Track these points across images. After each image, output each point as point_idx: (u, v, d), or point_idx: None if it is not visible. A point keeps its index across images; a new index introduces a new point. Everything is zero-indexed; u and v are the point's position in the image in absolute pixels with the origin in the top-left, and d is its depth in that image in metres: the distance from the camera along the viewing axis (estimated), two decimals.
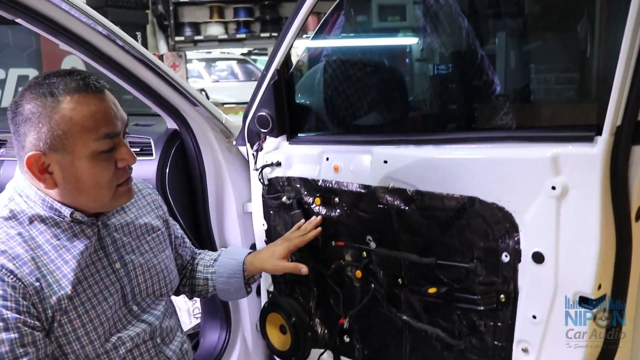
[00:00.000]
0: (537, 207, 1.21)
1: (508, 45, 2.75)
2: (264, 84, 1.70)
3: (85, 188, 1.18)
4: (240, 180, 2.02)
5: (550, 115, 2.47)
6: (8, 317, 1.09)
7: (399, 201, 1.46)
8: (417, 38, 2.85)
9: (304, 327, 1.78)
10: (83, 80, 1.15)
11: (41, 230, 1.19)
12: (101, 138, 1.16)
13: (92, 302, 1.22)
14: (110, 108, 1.18)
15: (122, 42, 1.63)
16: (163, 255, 1.43)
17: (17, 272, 1.12)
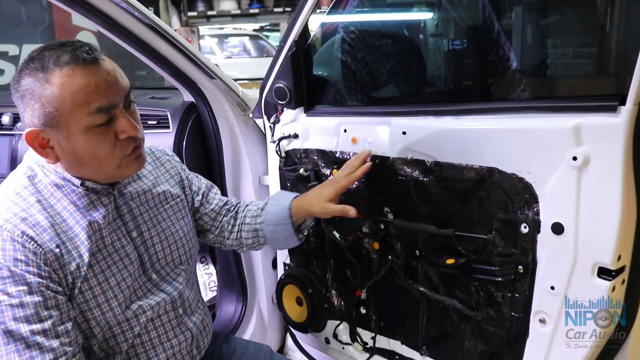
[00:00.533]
0: (558, 178, 1.21)
1: (526, 19, 2.73)
2: (281, 55, 1.70)
3: (86, 161, 1.17)
4: (256, 153, 2.04)
5: (568, 89, 2.45)
6: (31, 281, 1.11)
7: (418, 172, 1.46)
8: (433, 12, 2.82)
9: (320, 298, 1.81)
10: (73, 52, 1.11)
11: (59, 197, 1.20)
12: (94, 112, 1.12)
13: (112, 270, 1.23)
14: (103, 80, 1.13)
15: (139, 14, 1.63)
16: (182, 223, 1.43)
17: (38, 238, 1.13)
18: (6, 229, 1.12)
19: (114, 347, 1.28)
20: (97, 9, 1.60)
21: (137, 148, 1.22)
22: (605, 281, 1.19)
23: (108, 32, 1.65)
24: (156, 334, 1.34)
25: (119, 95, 1.16)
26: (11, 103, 2.45)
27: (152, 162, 1.44)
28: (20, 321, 1.09)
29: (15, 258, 1.10)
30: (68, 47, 1.11)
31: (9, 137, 2.31)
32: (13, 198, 1.17)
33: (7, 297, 1.09)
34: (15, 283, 1.10)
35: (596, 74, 2.65)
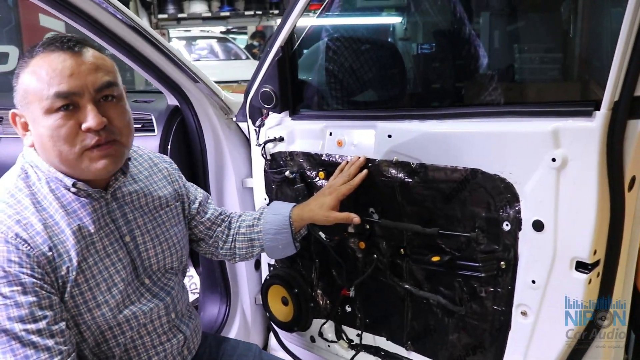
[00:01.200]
0: (538, 178, 1.29)
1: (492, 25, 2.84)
2: (267, 60, 1.74)
3: (47, 146, 1.18)
4: (238, 156, 2.08)
5: (536, 93, 2.56)
6: (26, 282, 1.12)
7: (403, 174, 1.53)
8: (410, 17, 2.91)
9: (306, 298, 1.86)
10: (57, 40, 1.17)
11: (51, 200, 1.22)
12: (52, 96, 1.14)
13: (103, 275, 1.25)
14: (71, 67, 1.16)
15: (123, 17, 1.66)
16: (176, 229, 1.45)
17: (31, 241, 1.15)
18: (0, 230, 1.14)
19: (106, 351, 1.29)
20: (84, 12, 1.61)
21: (103, 146, 1.20)
22: (582, 274, 1.27)
23: (94, 35, 1.67)
24: (149, 338, 1.36)
25: (86, 85, 1.16)
26: None
27: (149, 167, 1.46)
28: (15, 321, 1.11)
29: (9, 259, 1.12)
30: (62, 37, 1.19)
31: None
32: (7, 200, 1.19)
33: (2, 297, 1.11)
34: (10, 283, 1.12)
35: (561, 78, 2.77)
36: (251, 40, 12.41)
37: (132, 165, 1.40)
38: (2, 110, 2.41)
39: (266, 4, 8.29)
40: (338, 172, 1.64)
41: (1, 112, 2.39)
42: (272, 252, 1.63)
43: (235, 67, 8.89)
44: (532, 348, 1.40)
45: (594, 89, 2.35)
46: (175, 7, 7.55)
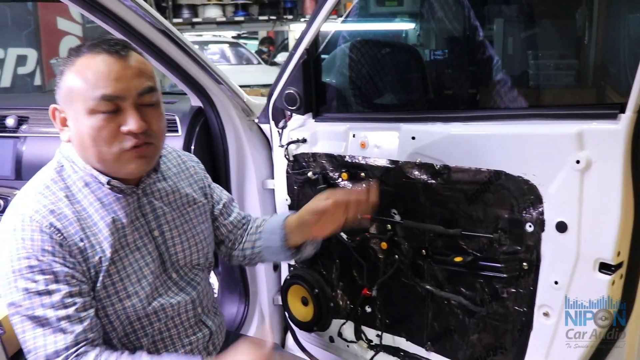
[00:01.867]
0: (562, 180, 1.31)
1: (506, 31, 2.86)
2: (291, 62, 1.78)
3: (87, 144, 1.22)
4: (260, 158, 2.11)
5: (552, 98, 2.59)
6: (58, 271, 1.18)
7: (426, 175, 1.56)
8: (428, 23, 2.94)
9: (326, 298, 1.88)
10: (107, 43, 1.22)
11: (86, 194, 1.27)
12: (98, 98, 1.18)
13: (134, 267, 1.30)
14: (117, 71, 1.20)
15: (152, 19, 1.70)
16: (202, 227, 1.49)
17: (64, 231, 1.20)
18: (36, 219, 1.19)
19: (134, 342, 1.33)
20: (115, 15, 1.66)
21: (140, 147, 1.24)
22: (606, 275, 1.29)
23: (123, 35, 1.71)
24: (176, 331, 1.39)
25: (130, 90, 1.21)
26: (15, 105, 2.49)
27: (177, 165, 1.50)
28: (46, 307, 1.16)
29: (43, 248, 1.17)
30: (108, 39, 1.24)
31: (13, 140, 2.34)
32: (43, 191, 1.24)
33: (35, 284, 1.16)
34: (42, 272, 1.17)
35: (576, 84, 2.79)
36: (260, 46, 12.49)
37: (162, 162, 1.45)
38: (25, 109, 2.47)
39: (280, 9, 8.35)
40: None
41: (26, 112, 2.44)
42: (267, 253, 1.61)
43: (246, 71, 8.96)
44: (554, 349, 1.41)
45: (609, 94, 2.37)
46: (190, 12, 7.63)
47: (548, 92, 2.81)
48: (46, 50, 5.59)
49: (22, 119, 2.38)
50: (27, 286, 1.16)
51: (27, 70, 5.38)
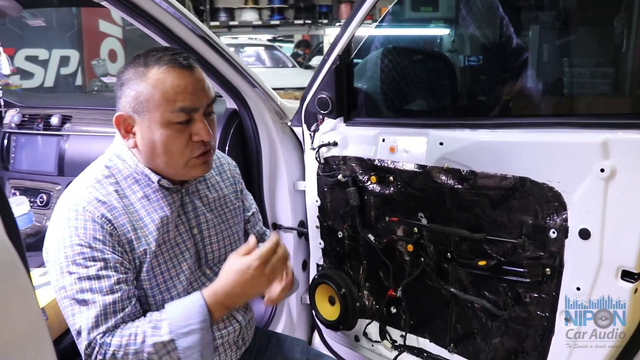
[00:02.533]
0: (586, 188, 1.34)
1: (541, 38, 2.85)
2: (324, 68, 1.84)
3: (159, 153, 1.31)
4: (291, 160, 2.18)
5: (585, 106, 2.58)
6: (108, 258, 1.26)
7: (453, 180, 1.59)
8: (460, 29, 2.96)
9: (352, 298, 1.93)
10: (173, 56, 1.29)
11: (134, 190, 1.35)
12: (176, 110, 1.27)
13: (173, 262, 1.37)
14: (192, 84, 1.29)
15: (191, 25, 1.78)
16: (237, 228, 1.56)
17: (115, 222, 1.29)
18: (88, 210, 1.27)
19: None
20: (157, 20, 1.74)
21: (206, 154, 1.35)
22: (628, 283, 1.31)
23: (165, 41, 1.79)
24: None
25: (202, 101, 1.31)
26: (61, 105, 2.61)
27: (217, 167, 1.57)
28: (95, 292, 1.23)
29: (94, 237, 1.25)
30: (169, 51, 1.30)
31: (57, 138, 2.46)
32: (95, 185, 1.32)
33: (86, 270, 1.24)
34: (94, 259, 1.24)
35: (612, 92, 2.77)
36: (296, 49, 12.60)
37: None
38: (68, 109, 2.59)
39: (315, 13, 8.44)
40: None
41: (69, 111, 2.56)
42: None
43: (281, 74, 9.05)
44: (574, 354, 1.44)
45: None
46: (227, 15, 7.78)
47: (582, 100, 2.80)
48: (88, 52, 5.78)
49: (65, 118, 2.50)
50: (79, 271, 1.24)
51: (69, 70, 5.57)
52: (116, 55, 6.60)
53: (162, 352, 1.23)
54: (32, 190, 2.51)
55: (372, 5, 1.63)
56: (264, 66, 10.05)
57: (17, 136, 2.60)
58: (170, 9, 1.70)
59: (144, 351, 1.22)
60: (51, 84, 5.40)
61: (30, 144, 2.56)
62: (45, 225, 2.40)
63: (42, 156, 2.50)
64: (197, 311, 1.25)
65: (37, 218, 2.43)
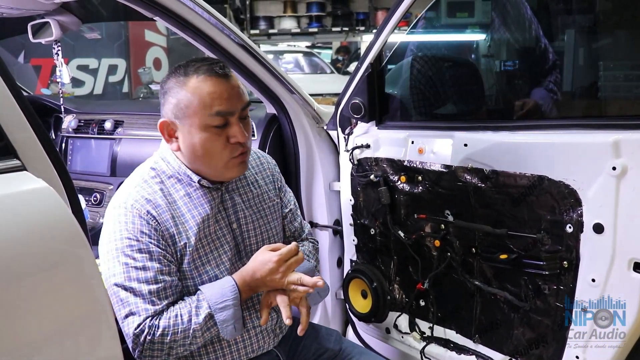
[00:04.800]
0: (599, 185, 1.44)
1: (577, 42, 2.91)
2: (357, 75, 1.98)
3: (199, 155, 1.45)
4: (327, 162, 2.32)
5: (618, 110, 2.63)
6: (153, 250, 1.40)
7: (476, 179, 1.71)
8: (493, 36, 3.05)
9: (384, 291, 2.06)
10: (210, 65, 1.43)
11: (177, 188, 1.50)
12: (214, 115, 1.41)
13: (214, 254, 1.51)
14: (227, 90, 1.42)
15: (233, 35, 1.94)
16: (274, 223, 1.69)
17: (159, 218, 1.43)
18: (135, 207, 1.42)
19: None
20: (203, 32, 1.90)
21: (242, 154, 1.49)
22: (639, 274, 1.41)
23: (209, 51, 1.96)
24: (247, 313, 1.57)
25: (237, 106, 1.45)
26: (112, 111, 2.82)
27: (257, 165, 1.70)
28: (141, 281, 1.38)
29: (141, 231, 1.41)
30: (207, 61, 1.44)
31: (110, 141, 2.67)
32: (142, 184, 1.48)
33: (134, 260, 1.39)
34: (140, 251, 1.40)
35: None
36: (336, 55, 12.76)
37: None
38: (120, 114, 2.80)
39: (352, 20, 8.59)
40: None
41: (120, 116, 2.77)
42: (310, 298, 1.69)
43: (320, 80, 9.20)
44: (591, 343, 1.53)
45: None
46: (267, 23, 8.00)
47: (615, 103, 2.85)
48: (134, 60, 6.07)
49: (117, 122, 2.71)
50: (127, 261, 1.39)
51: (116, 78, 5.86)
52: (161, 63, 6.91)
53: (204, 328, 1.40)
54: (86, 190, 2.72)
55: (402, 15, 1.77)
56: (303, 72, 10.21)
57: (73, 140, 2.83)
58: (213, 20, 1.87)
59: (190, 328, 1.38)
60: (100, 92, 5.70)
61: (85, 147, 2.78)
62: (98, 222, 2.61)
63: (96, 158, 2.72)
64: (229, 290, 1.42)
65: (91, 215, 2.64)
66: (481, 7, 3.87)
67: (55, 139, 2.86)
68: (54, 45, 2.32)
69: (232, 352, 1.55)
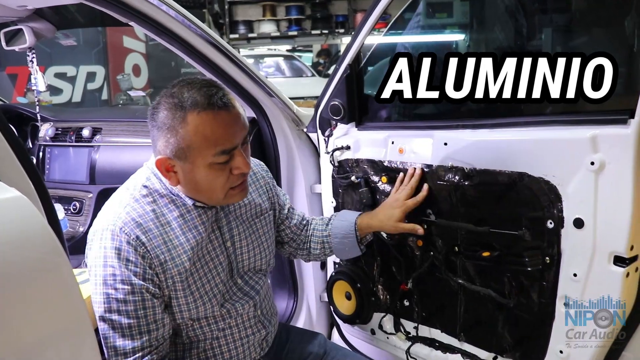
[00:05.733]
0: (578, 180, 1.45)
1: (554, 40, 2.95)
2: (336, 77, 1.98)
3: (201, 190, 1.39)
4: (308, 164, 2.31)
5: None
6: (135, 283, 1.34)
7: (457, 178, 1.71)
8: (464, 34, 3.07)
9: (367, 292, 2.06)
10: (210, 98, 1.30)
11: (171, 209, 1.42)
12: (218, 153, 1.32)
13: (207, 277, 1.47)
14: (231, 126, 1.33)
15: (212, 40, 1.92)
16: (267, 235, 1.66)
17: (148, 244, 1.36)
18: (125, 231, 1.35)
19: (199, 336, 1.52)
20: (180, 37, 1.88)
21: (243, 182, 1.43)
22: (620, 268, 1.42)
23: (186, 56, 1.94)
24: (237, 329, 1.56)
25: (241, 138, 1.37)
26: (89, 118, 2.79)
27: (250, 176, 1.64)
28: (121, 314, 1.34)
29: (127, 259, 1.34)
30: (204, 89, 1.32)
31: (89, 149, 2.64)
32: (132, 204, 1.40)
33: (115, 291, 1.34)
34: (123, 282, 1.34)
35: (625, 93, 2.85)
36: (317, 58, 12.78)
37: None
38: (98, 121, 2.76)
39: (332, 23, 8.62)
40: (399, 183, 1.84)
41: (99, 124, 2.74)
42: (340, 253, 1.86)
43: (301, 84, 9.21)
44: (574, 337, 1.54)
45: None
46: (246, 28, 8.00)
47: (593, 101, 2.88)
48: (113, 67, 6.03)
49: (95, 130, 2.68)
50: (109, 292, 1.34)
51: (95, 85, 5.82)
52: (140, 69, 6.86)
53: None
54: (65, 199, 2.69)
55: (379, 15, 1.77)
56: (284, 76, 10.21)
57: (51, 148, 2.79)
58: (189, 24, 1.85)
59: None
60: (79, 99, 5.65)
61: (63, 155, 2.74)
62: (78, 230, 2.58)
63: (75, 166, 2.68)
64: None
65: (71, 224, 2.60)
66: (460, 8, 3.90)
67: (32, 147, 2.83)
68: (28, 53, 2.29)
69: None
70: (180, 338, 1.51)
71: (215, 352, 1.54)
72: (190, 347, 1.53)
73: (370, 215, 1.82)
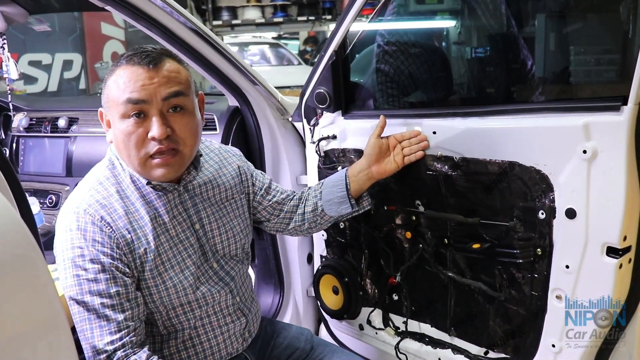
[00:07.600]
0: (570, 169, 1.45)
1: (547, 26, 2.95)
2: (321, 64, 1.96)
3: (120, 147, 1.41)
4: (294, 154, 2.30)
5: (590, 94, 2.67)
6: (105, 261, 1.36)
7: (446, 167, 1.71)
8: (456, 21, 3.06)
9: (355, 286, 2.05)
10: (139, 55, 1.38)
11: (132, 190, 1.46)
12: (125, 102, 1.35)
13: (177, 258, 1.48)
14: (143, 79, 1.36)
15: (191, 25, 1.90)
16: (240, 220, 1.66)
17: (113, 224, 1.39)
18: (89, 213, 1.37)
19: (176, 325, 1.51)
20: (159, 23, 1.86)
21: (165, 156, 1.40)
22: (613, 259, 1.42)
23: (167, 43, 1.92)
24: (215, 318, 1.56)
25: (155, 95, 1.37)
26: (67, 107, 2.77)
27: (219, 161, 1.68)
28: (94, 294, 1.34)
29: (94, 239, 1.36)
30: (139, 50, 1.40)
31: (65, 139, 2.61)
32: (96, 187, 1.43)
33: (85, 272, 1.34)
34: (92, 261, 1.35)
35: (619, 80, 2.86)
36: (304, 46, 12.73)
37: (203, 159, 1.63)
38: (74, 111, 2.73)
39: (319, 9, 8.58)
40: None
41: (75, 113, 2.70)
42: (330, 207, 1.77)
43: (287, 72, 9.17)
44: (566, 330, 1.55)
45: None
46: (230, 14, 7.94)
47: (587, 88, 2.89)
48: (90, 55, 5.96)
49: (72, 120, 2.65)
50: (79, 273, 1.35)
51: (72, 74, 5.75)
52: None
53: None
54: (41, 192, 2.66)
55: (364, 3, 1.75)
56: (269, 64, 10.16)
57: (25, 139, 2.75)
58: (170, 10, 1.82)
59: None
60: (55, 88, 5.58)
61: (38, 147, 2.71)
62: (54, 225, 2.54)
63: (50, 158, 2.65)
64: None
65: (47, 219, 2.57)
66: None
67: (5, 138, 2.79)
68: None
69: (199, 359, 1.54)
70: (157, 328, 1.50)
71: (195, 342, 1.54)
72: (169, 338, 1.52)
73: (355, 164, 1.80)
